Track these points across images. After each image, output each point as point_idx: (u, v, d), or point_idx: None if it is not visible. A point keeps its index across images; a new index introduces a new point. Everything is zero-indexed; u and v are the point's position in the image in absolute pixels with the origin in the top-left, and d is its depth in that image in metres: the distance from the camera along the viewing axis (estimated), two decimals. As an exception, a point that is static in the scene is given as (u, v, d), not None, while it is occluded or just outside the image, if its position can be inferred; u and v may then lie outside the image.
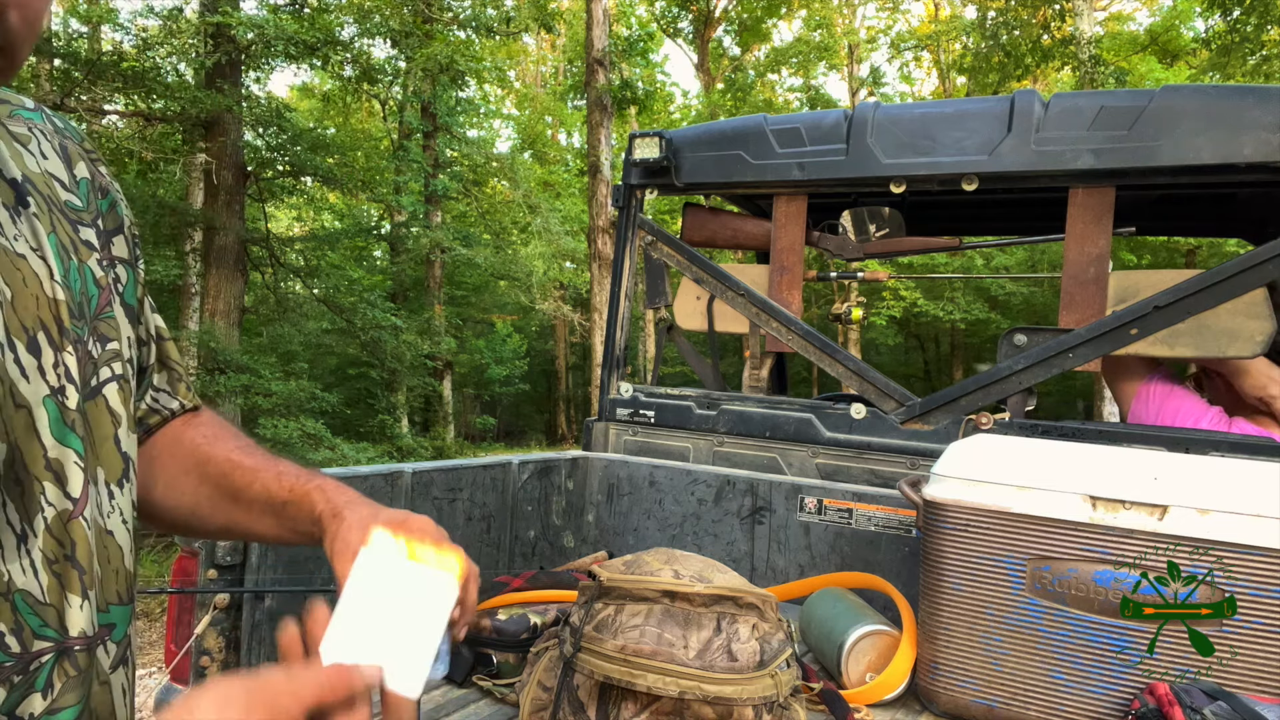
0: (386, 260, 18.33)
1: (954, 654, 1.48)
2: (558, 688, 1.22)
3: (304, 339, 12.38)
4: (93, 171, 0.85)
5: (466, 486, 1.98)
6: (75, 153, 0.84)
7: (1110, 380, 2.30)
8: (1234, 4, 10.75)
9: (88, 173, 0.84)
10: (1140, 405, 2.18)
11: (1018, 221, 3.06)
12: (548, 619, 1.62)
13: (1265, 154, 1.85)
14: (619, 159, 13.52)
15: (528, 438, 20.89)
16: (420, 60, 11.70)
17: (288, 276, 12.07)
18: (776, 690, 1.15)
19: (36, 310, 0.70)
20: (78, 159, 0.84)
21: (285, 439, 8.96)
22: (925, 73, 24.69)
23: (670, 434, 2.49)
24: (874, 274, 2.63)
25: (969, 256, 12.16)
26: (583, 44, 14.99)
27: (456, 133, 15.38)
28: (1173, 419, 2.12)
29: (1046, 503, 1.42)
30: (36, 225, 0.74)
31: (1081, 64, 12.71)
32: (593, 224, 13.93)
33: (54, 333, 0.71)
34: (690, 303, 2.60)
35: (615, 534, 2.31)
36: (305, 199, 13.75)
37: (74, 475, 0.71)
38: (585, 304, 18.11)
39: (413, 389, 14.62)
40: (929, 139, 2.19)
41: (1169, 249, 14.59)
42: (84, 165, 0.84)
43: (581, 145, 22.16)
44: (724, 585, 1.20)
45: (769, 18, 21.54)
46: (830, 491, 2.02)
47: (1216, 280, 1.87)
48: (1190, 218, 2.96)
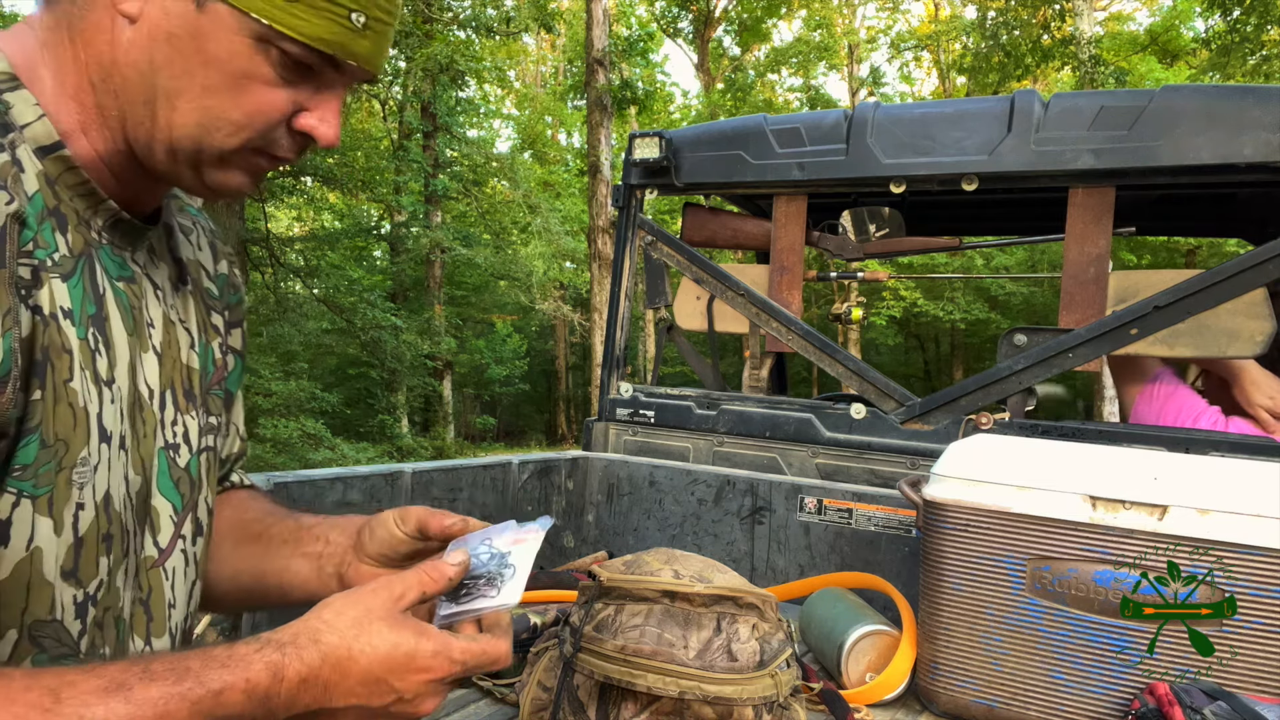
0: (386, 260, 18.34)
1: (954, 654, 1.48)
2: (558, 688, 1.22)
3: (304, 339, 12.38)
4: (230, 270, 0.99)
5: (466, 486, 1.98)
6: (221, 251, 0.98)
7: (1117, 378, 2.30)
8: (1234, 4, 10.75)
9: (226, 270, 0.98)
10: (1144, 404, 2.18)
11: (1018, 221, 3.06)
12: (548, 619, 1.62)
13: (1265, 154, 1.85)
14: (619, 159, 13.52)
15: (528, 438, 20.90)
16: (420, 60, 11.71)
17: (288, 276, 12.08)
18: (776, 690, 1.15)
19: (173, 372, 0.82)
20: (221, 257, 0.97)
21: (285, 439, 8.97)
22: (925, 73, 24.71)
23: (670, 434, 2.49)
24: (874, 274, 2.63)
25: (969, 256, 12.16)
26: (583, 44, 14.99)
27: (456, 133, 15.38)
28: (1173, 418, 2.12)
29: (1046, 503, 1.42)
30: (188, 301, 0.87)
31: (1081, 64, 12.72)
32: (593, 224, 13.94)
33: (180, 395, 0.83)
34: (690, 303, 2.60)
35: (615, 534, 2.31)
36: (305, 199, 13.75)
37: (166, 527, 0.79)
38: (585, 304, 18.11)
39: (413, 389, 14.63)
40: (929, 139, 2.19)
41: (1169, 249, 14.59)
42: (225, 263, 0.98)
43: (581, 145, 22.16)
44: (724, 585, 1.20)
45: (769, 18, 21.55)
46: (830, 491, 2.02)
47: (1216, 280, 1.87)
48: (1190, 218, 2.95)
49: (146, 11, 0.66)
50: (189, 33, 0.66)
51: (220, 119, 0.69)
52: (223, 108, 0.68)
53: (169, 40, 0.66)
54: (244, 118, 0.69)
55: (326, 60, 0.70)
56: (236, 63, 0.67)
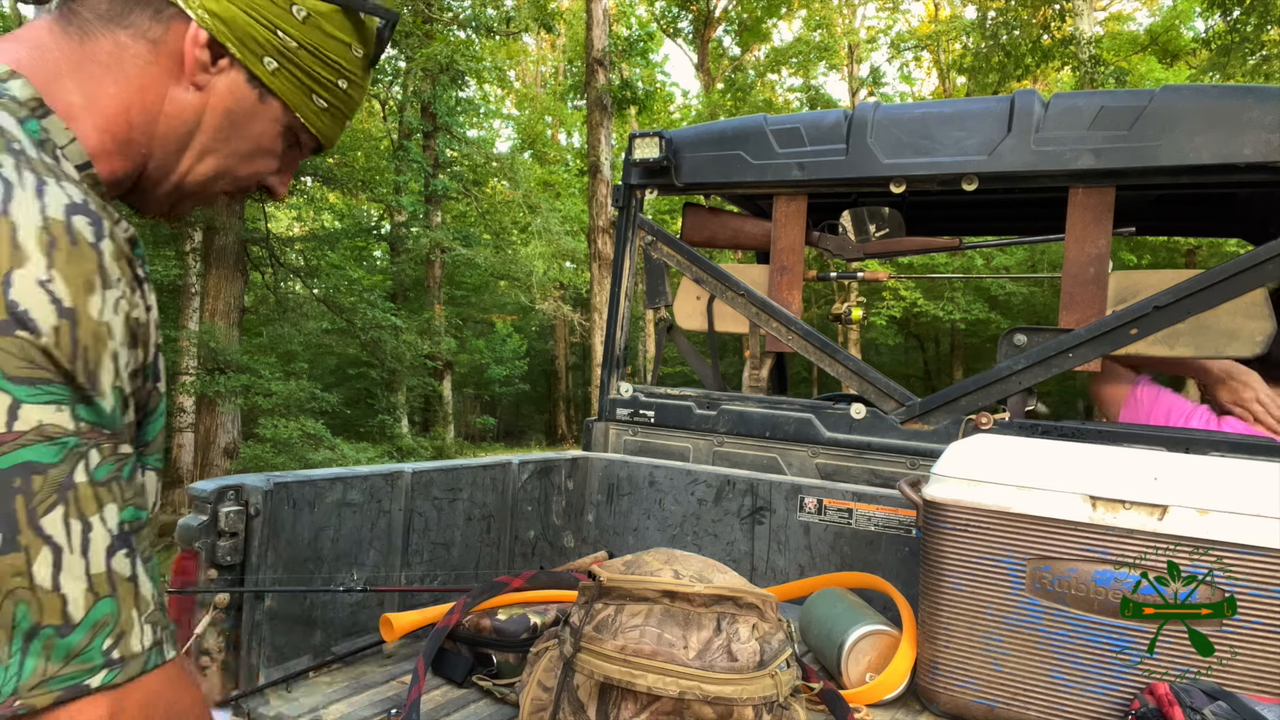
0: (386, 260, 18.33)
1: (954, 654, 1.48)
2: (558, 688, 1.22)
3: (304, 339, 12.38)
4: None
5: (466, 486, 1.98)
6: None
7: (1096, 390, 2.29)
8: (1234, 4, 10.75)
9: None
10: (1130, 410, 2.18)
11: (1018, 221, 3.06)
12: (548, 619, 1.62)
13: (1265, 154, 1.85)
14: (619, 159, 13.52)
15: (528, 438, 20.89)
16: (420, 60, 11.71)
17: (288, 276, 12.07)
18: (776, 690, 1.15)
19: None
20: None
21: (285, 439, 8.97)
22: (925, 73, 24.71)
23: (670, 434, 2.49)
24: (874, 274, 2.63)
25: (969, 256, 12.16)
26: (583, 44, 15.00)
27: (456, 133, 15.37)
28: (1163, 420, 2.12)
29: (1046, 503, 1.42)
30: None
31: (1081, 64, 12.73)
32: (593, 224, 13.93)
33: None
34: (690, 303, 2.60)
35: (615, 534, 2.31)
36: (305, 199, 13.74)
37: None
38: (585, 304, 18.11)
39: (413, 389, 14.63)
40: (929, 139, 2.19)
41: (1169, 249, 14.59)
42: None
43: (581, 145, 22.17)
44: (724, 585, 1.20)
45: (769, 18, 21.54)
46: (830, 491, 2.02)
47: (1216, 280, 1.87)
48: (1190, 218, 2.95)
49: (214, 85, 0.79)
50: (245, 113, 0.81)
51: (230, 174, 0.84)
52: (237, 167, 0.84)
53: (225, 114, 0.80)
54: (246, 176, 0.86)
55: (316, 145, 0.90)
56: (264, 141, 0.84)
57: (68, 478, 0.59)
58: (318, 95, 0.85)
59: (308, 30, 0.81)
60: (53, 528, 0.59)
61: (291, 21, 0.80)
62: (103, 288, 0.63)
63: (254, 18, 0.78)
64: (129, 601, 0.63)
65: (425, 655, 1.45)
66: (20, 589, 0.57)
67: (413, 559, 1.85)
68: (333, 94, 0.86)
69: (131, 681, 0.62)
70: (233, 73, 0.79)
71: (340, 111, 0.88)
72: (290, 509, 1.57)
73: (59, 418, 0.59)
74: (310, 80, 0.83)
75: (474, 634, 1.59)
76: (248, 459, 9.35)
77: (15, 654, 0.57)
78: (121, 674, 0.61)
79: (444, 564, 1.92)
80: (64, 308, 0.60)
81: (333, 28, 0.83)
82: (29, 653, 0.58)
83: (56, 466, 0.59)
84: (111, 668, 0.61)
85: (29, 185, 0.61)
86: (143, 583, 0.64)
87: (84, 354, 0.61)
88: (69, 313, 0.60)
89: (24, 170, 0.62)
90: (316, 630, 1.63)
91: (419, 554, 1.86)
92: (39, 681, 0.58)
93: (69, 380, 0.60)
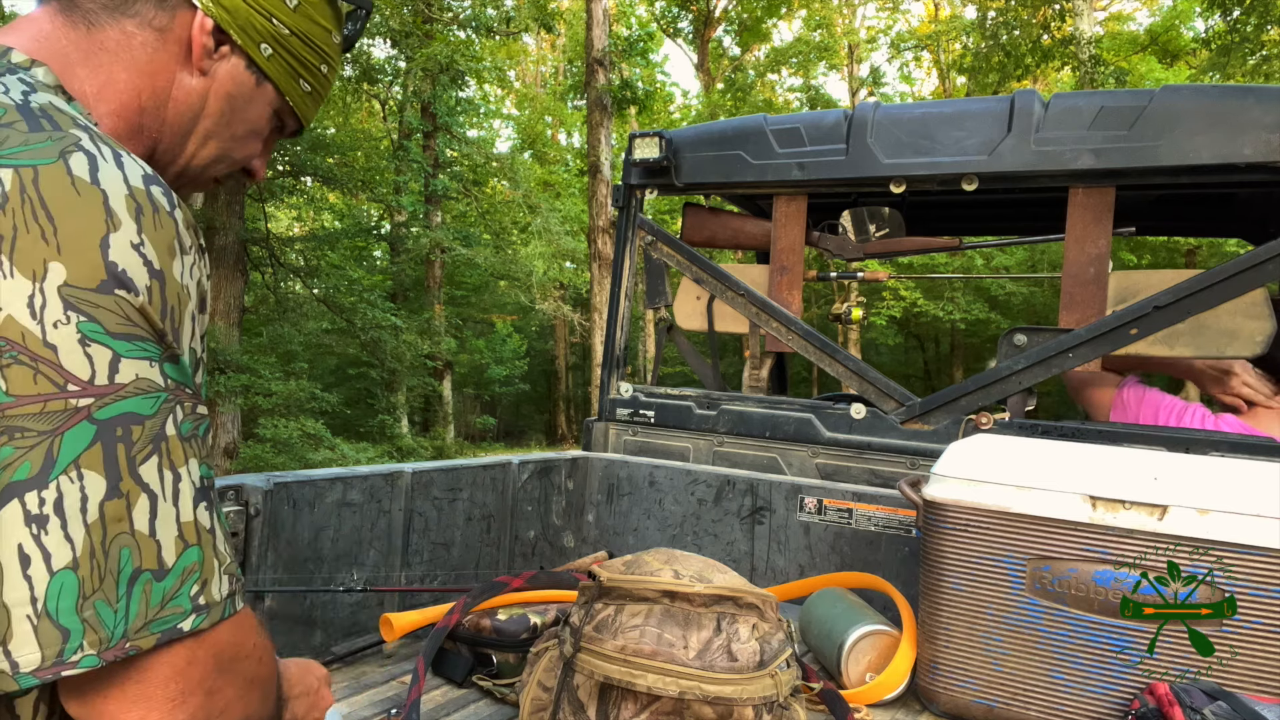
0: (386, 260, 18.34)
1: (954, 654, 1.48)
2: (558, 688, 1.22)
3: (304, 339, 12.39)
4: None
5: (466, 486, 1.98)
6: None
7: (1081, 396, 2.28)
8: (1234, 4, 10.75)
9: None
10: (1118, 413, 2.18)
11: (1018, 221, 3.06)
12: (548, 619, 1.62)
13: (1265, 154, 1.85)
14: (619, 159, 13.52)
15: (528, 438, 20.90)
16: (420, 60, 11.72)
17: (288, 276, 12.08)
18: (776, 690, 1.15)
19: None
20: None
21: (285, 439, 8.98)
22: (925, 73, 24.72)
23: (670, 434, 2.49)
24: (874, 274, 2.63)
25: (969, 256, 12.16)
26: (583, 44, 15.00)
27: (456, 133, 15.37)
28: (1152, 418, 2.11)
29: (1046, 503, 1.42)
30: None
31: (1081, 64, 12.73)
32: (593, 224, 13.94)
33: None
34: (690, 303, 2.60)
35: (615, 534, 2.31)
36: (305, 199, 13.75)
37: None
38: (585, 304, 18.11)
39: (413, 389, 14.63)
40: (929, 139, 2.19)
41: (1169, 249, 14.59)
42: None
43: (581, 145, 22.17)
44: (724, 585, 1.20)
45: (769, 18, 21.55)
46: (830, 491, 2.02)
47: (1216, 280, 1.87)
48: (1190, 218, 2.95)
49: (216, 71, 0.83)
50: (244, 97, 0.86)
51: (228, 157, 0.89)
52: (234, 150, 0.89)
53: (226, 98, 0.84)
54: (240, 159, 0.91)
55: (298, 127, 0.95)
56: (258, 124, 0.89)
57: (161, 429, 0.63)
58: (304, 79, 0.90)
59: (298, 18, 0.86)
60: (150, 476, 0.62)
61: (285, 10, 0.85)
62: (180, 253, 0.66)
63: (253, 6, 0.82)
64: (210, 552, 0.66)
65: (425, 655, 1.45)
66: (123, 534, 0.60)
67: (413, 559, 1.85)
68: (316, 78, 0.92)
69: (214, 627, 0.65)
70: (233, 59, 0.84)
71: (319, 94, 0.94)
72: (290, 509, 1.57)
73: (151, 373, 0.63)
74: (299, 65, 0.88)
75: (474, 634, 1.59)
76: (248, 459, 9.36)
77: (122, 598, 0.60)
78: (206, 619, 0.65)
79: (444, 564, 1.92)
80: (154, 269, 0.63)
81: (319, 15, 0.88)
82: (132, 596, 0.61)
83: (152, 418, 0.62)
84: (199, 613, 0.64)
85: (109, 157, 0.64)
86: (219, 535, 0.68)
87: (171, 314, 0.65)
88: (159, 274, 0.64)
89: (100, 143, 0.65)
90: (316, 630, 1.63)
91: (419, 554, 1.86)
92: (143, 624, 0.61)
93: (160, 338, 0.64)
